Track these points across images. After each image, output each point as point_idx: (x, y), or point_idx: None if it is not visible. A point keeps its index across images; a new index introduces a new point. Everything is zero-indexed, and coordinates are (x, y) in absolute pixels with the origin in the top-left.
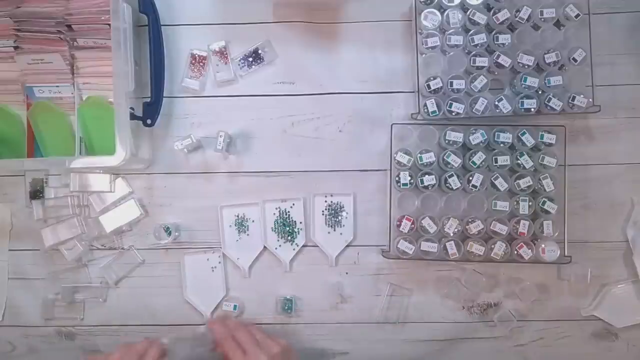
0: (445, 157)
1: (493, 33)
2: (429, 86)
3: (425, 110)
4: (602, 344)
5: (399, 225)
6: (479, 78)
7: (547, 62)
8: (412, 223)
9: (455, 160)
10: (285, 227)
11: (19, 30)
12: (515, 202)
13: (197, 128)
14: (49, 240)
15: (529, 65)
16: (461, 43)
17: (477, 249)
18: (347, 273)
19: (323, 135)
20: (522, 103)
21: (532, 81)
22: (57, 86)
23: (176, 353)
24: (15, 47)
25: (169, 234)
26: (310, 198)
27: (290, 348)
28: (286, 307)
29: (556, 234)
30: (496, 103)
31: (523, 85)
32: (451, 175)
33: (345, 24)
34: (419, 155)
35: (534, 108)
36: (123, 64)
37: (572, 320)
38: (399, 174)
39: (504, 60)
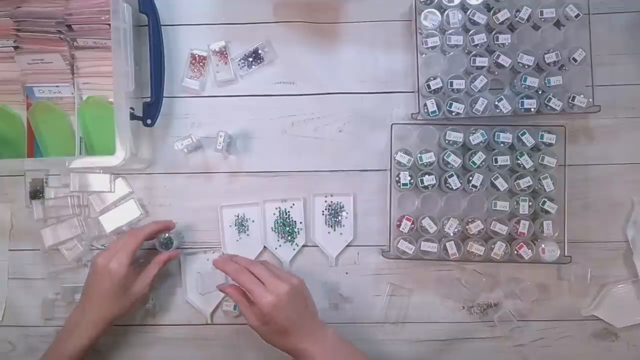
0: (445, 157)
1: (493, 33)
2: (429, 86)
3: (425, 110)
4: (602, 344)
5: (399, 225)
6: (479, 78)
7: (547, 62)
8: (412, 223)
9: (455, 160)
10: (285, 227)
11: (19, 30)
12: (515, 202)
13: (197, 128)
14: (49, 240)
15: (529, 65)
16: (461, 43)
17: (477, 249)
18: (347, 273)
19: (323, 135)
20: (522, 103)
21: (532, 81)
22: (57, 86)
23: None
24: (15, 47)
25: (172, 243)
26: (310, 198)
27: (304, 284)
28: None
29: (556, 234)
30: (496, 103)
31: (523, 85)
32: (451, 175)
33: (345, 24)
34: (419, 155)
35: (534, 108)
36: (123, 64)
37: (572, 320)
38: (399, 174)
39: (504, 60)
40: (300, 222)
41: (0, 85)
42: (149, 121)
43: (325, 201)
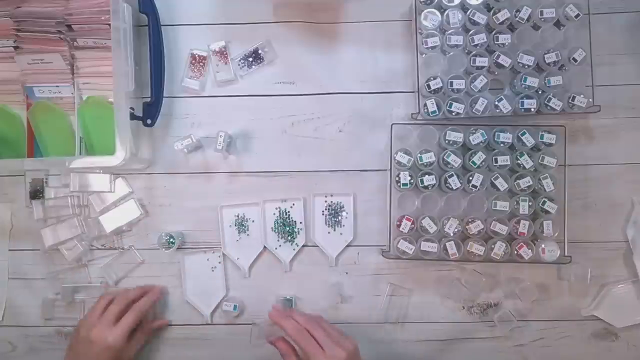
0: (445, 157)
1: (493, 33)
2: (429, 86)
3: (425, 110)
4: (602, 344)
5: (399, 225)
6: (479, 78)
7: (547, 62)
8: (412, 223)
9: (455, 160)
10: (285, 227)
11: (19, 30)
12: (515, 202)
13: (197, 128)
14: (49, 240)
15: (529, 65)
16: (461, 43)
17: (477, 249)
18: (347, 273)
19: (323, 135)
20: (522, 103)
21: (532, 81)
22: (57, 86)
23: None
24: (15, 47)
25: (173, 243)
26: (310, 198)
27: (358, 349)
28: (286, 307)
29: (556, 234)
30: (496, 103)
31: (523, 85)
32: (451, 175)
33: (345, 24)
34: (419, 155)
35: (534, 108)
36: (123, 64)
37: (572, 320)
38: (399, 174)
39: (504, 60)
40: (300, 222)
41: (0, 85)
42: (149, 121)
43: (325, 201)
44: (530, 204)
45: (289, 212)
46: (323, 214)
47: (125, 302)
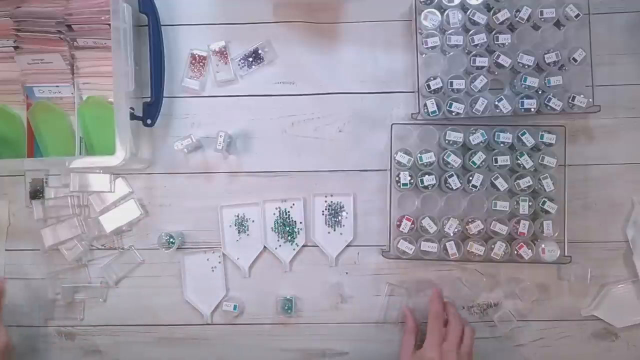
0: (445, 157)
1: (493, 33)
2: (429, 86)
3: (425, 110)
4: (602, 344)
5: (399, 225)
6: (479, 78)
7: (547, 62)
8: (412, 223)
9: (455, 160)
10: (285, 227)
11: (19, 30)
12: (515, 202)
13: (197, 128)
14: (49, 240)
15: (529, 65)
16: (461, 43)
17: (477, 249)
18: (347, 273)
19: (323, 135)
20: (522, 103)
21: (532, 81)
22: (57, 86)
23: None
24: (15, 47)
25: (173, 243)
26: (310, 198)
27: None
28: (286, 307)
29: (556, 234)
30: (496, 103)
31: (523, 85)
32: (451, 175)
33: (345, 24)
34: (419, 155)
35: (534, 108)
36: (123, 64)
37: (572, 320)
38: (399, 174)
39: (504, 60)
40: (300, 222)
41: (0, 85)
42: (149, 121)
43: (325, 201)
44: (530, 204)
45: (289, 212)
46: (323, 214)
47: None
